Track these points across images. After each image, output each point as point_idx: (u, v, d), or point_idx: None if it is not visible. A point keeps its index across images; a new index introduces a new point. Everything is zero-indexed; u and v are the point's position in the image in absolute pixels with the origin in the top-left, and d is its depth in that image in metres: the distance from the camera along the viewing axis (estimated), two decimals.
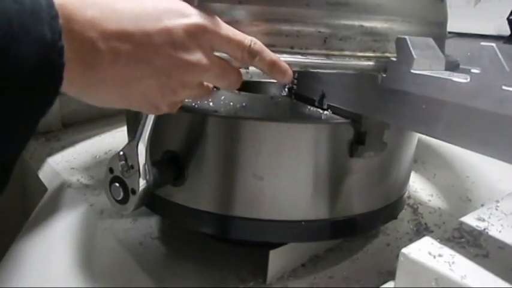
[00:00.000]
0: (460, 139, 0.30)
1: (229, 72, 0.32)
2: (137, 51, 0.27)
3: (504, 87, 0.26)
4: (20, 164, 0.75)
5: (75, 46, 0.24)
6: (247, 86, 0.56)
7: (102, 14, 0.25)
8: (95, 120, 0.81)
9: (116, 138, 0.75)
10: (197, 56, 0.29)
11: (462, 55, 0.43)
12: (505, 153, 0.27)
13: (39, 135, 0.76)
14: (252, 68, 0.33)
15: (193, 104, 0.42)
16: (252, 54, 0.31)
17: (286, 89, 0.50)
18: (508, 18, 0.77)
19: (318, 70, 0.35)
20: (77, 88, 0.27)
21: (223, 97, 0.46)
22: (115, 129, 0.78)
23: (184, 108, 0.40)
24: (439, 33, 0.41)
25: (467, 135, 0.29)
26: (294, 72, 0.33)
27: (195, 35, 0.29)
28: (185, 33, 0.28)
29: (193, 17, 0.29)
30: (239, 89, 0.50)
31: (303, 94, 0.45)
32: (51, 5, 0.22)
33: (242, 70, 0.33)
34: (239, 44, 0.31)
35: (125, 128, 0.51)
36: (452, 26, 0.46)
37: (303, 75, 0.47)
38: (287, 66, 0.32)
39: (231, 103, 0.44)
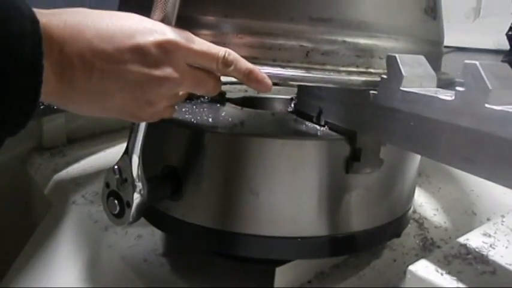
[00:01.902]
0: (445, 157, 0.30)
1: (205, 80, 0.33)
2: (110, 67, 0.29)
3: (487, 105, 0.26)
4: (25, 179, 0.75)
5: (53, 63, 0.26)
6: (254, 102, 0.57)
7: (79, 32, 0.27)
8: (100, 135, 0.81)
9: (120, 153, 0.75)
10: (168, 71, 0.30)
11: (461, 70, 0.43)
12: (488, 171, 0.27)
13: (44, 150, 0.76)
14: None
15: (192, 120, 0.42)
16: (226, 65, 0.32)
17: (293, 105, 0.50)
18: (507, 34, 0.77)
19: (298, 83, 0.35)
20: (55, 100, 0.29)
21: (223, 113, 0.47)
22: (120, 145, 0.78)
23: (183, 124, 0.41)
24: (431, 51, 0.41)
25: (452, 153, 0.29)
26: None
27: (167, 51, 0.30)
28: (156, 50, 0.30)
29: (166, 34, 0.30)
30: (243, 105, 0.51)
31: (302, 110, 0.46)
32: (36, 30, 0.24)
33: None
34: (213, 57, 0.32)
35: None
36: (451, 40, 0.46)
37: (302, 92, 0.47)
38: (264, 75, 0.33)
39: (230, 119, 0.44)
